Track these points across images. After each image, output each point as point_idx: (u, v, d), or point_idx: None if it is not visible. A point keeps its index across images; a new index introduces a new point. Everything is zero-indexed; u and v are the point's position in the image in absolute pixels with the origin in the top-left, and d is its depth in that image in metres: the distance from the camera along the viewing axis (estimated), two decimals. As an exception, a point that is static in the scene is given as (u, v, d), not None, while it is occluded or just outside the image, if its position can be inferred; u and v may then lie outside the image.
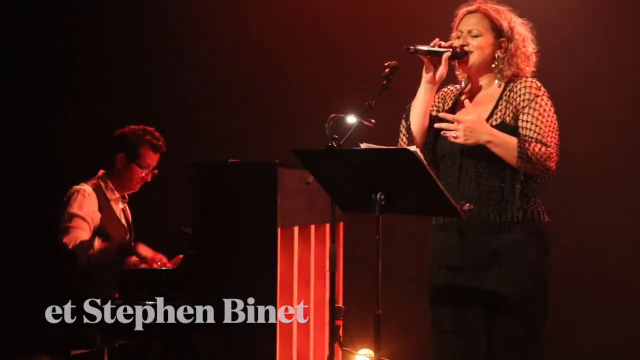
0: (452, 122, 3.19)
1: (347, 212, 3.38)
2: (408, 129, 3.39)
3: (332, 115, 3.32)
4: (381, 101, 3.27)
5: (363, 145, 3.08)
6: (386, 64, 3.31)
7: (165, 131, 5.52)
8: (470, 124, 3.16)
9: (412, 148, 2.92)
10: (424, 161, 2.93)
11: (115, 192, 4.47)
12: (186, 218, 4.09)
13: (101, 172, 4.49)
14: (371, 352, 3.12)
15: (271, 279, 3.90)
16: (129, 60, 5.80)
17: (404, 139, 3.40)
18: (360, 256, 4.05)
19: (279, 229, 3.93)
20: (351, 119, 3.34)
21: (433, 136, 3.37)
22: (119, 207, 4.51)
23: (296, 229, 4.13)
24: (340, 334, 3.65)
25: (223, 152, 4.89)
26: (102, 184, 4.43)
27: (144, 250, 4.29)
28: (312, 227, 4.33)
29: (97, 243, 4.18)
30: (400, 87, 3.37)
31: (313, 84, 5.56)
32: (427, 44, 3.31)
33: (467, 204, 3.12)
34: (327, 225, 4.34)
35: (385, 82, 3.28)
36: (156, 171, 4.53)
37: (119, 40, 5.83)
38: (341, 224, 4.63)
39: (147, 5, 5.84)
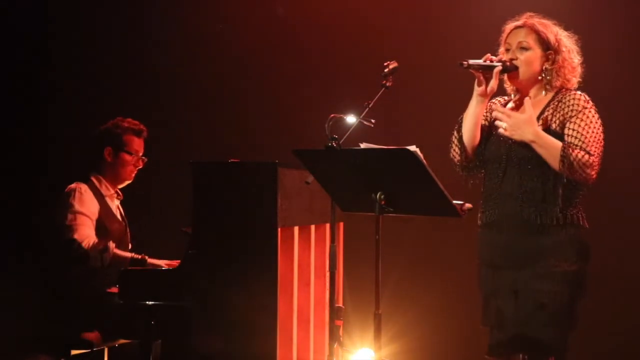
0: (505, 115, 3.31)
1: (347, 212, 3.38)
2: (460, 140, 3.46)
3: (332, 115, 3.32)
4: (381, 101, 3.27)
5: (363, 145, 3.08)
6: (386, 64, 3.32)
7: (165, 131, 5.54)
8: (519, 121, 3.27)
9: (412, 148, 2.93)
10: (424, 161, 2.94)
11: (110, 188, 4.46)
12: (186, 218, 4.09)
13: (88, 173, 4.46)
14: (371, 352, 3.12)
15: (271, 279, 3.89)
16: (128, 59, 5.80)
17: (457, 150, 3.48)
18: (360, 256, 4.05)
19: (279, 229, 3.92)
20: (351, 119, 3.34)
21: (483, 143, 3.46)
22: (115, 204, 4.50)
23: (296, 229, 4.13)
24: (340, 334, 3.65)
25: (223, 152, 4.89)
26: (95, 181, 4.42)
27: (157, 261, 4.32)
28: (312, 227, 4.33)
29: (112, 246, 4.17)
30: (401, 88, 3.38)
31: (313, 84, 5.56)
32: (433, 47, 3.33)
33: (467, 204, 3.13)
34: (327, 225, 4.33)
35: (385, 82, 3.29)
36: (145, 158, 4.51)
37: (118, 39, 5.83)
38: (341, 224, 4.63)
39: (150, 5, 5.84)
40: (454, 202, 3.03)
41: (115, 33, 5.81)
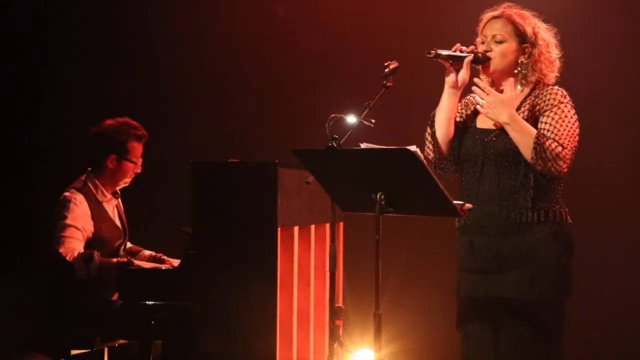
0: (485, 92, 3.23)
1: (347, 212, 3.38)
2: (433, 135, 3.39)
3: (332, 115, 3.32)
4: (381, 101, 3.27)
5: (363, 145, 3.08)
6: (386, 64, 3.31)
7: (165, 131, 5.53)
8: (497, 100, 3.20)
9: (412, 148, 2.92)
10: (424, 161, 2.93)
11: (107, 193, 4.38)
12: (186, 218, 4.09)
13: (84, 176, 4.37)
14: (371, 352, 3.11)
15: (271, 279, 3.89)
16: (128, 59, 5.80)
17: (430, 146, 3.40)
18: (360, 256, 4.05)
19: (279, 229, 3.93)
20: (351, 119, 3.34)
21: (458, 140, 3.38)
22: (112, 206, 4.44)
23: (296, 229, 4.13)
24: (340, 334, 3.65)
25: (223, 152, 4.89)
26: (91, 187, 4.34)
27: (144, 264, 4.30)
28: (312, 227, 4.33)
29: (97, 256, 4.13)
30: (401, 88, 3.37)
31: (313, 84, 5.56)
32: (434, 45, 3.31)
33: (468, 204, 3.13)
34: (327, 225, 4.34)
35: (385, 82, 3.29)
36: (142, 160, 4.46)
37: (117, 39, 5.83)
38: (341, 224, 4.63)
39: (150, 4, 5.84)
40: (454, 202, 3.02)
41: (115, 33, 5.81)
